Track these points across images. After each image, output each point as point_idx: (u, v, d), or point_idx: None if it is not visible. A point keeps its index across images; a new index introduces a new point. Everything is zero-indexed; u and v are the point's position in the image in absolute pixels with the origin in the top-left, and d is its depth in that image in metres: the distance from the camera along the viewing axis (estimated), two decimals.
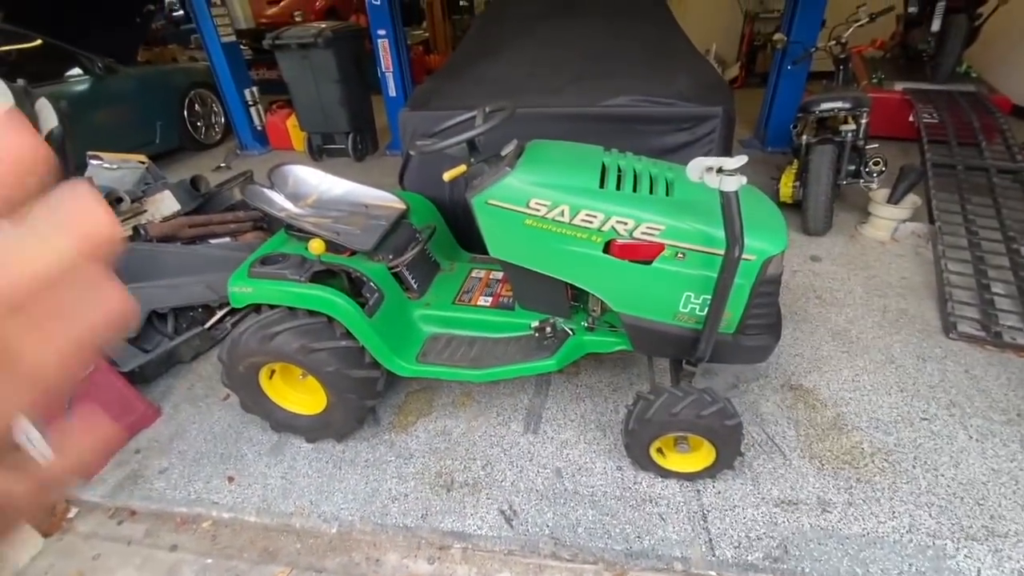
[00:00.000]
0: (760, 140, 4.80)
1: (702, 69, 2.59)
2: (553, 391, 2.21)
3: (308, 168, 2.10)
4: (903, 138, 4.19)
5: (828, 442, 1.92)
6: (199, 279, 2.40)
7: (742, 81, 6.79)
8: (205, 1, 4.72)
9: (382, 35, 4.61)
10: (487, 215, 1.56)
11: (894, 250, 3.08)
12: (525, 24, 3.15)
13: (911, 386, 2.13)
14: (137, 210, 2.57)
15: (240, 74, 5.22)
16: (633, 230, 1.46)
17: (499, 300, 1.98)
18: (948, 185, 3.16)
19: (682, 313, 1.57)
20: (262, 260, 1.77)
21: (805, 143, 3.19)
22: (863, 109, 3.05)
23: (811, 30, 4.09)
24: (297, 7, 8.23)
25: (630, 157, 1.69)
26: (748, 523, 1.67)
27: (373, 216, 1.98)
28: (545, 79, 2.49)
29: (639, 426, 1.67)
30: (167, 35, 9.22)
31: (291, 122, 5.29)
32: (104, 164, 2.95)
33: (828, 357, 2.31)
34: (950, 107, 3.84)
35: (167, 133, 5.14)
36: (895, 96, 4.34)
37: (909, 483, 1.75)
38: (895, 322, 2.50)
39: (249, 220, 2.89)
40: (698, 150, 2.24)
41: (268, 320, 1.76)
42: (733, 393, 2.14)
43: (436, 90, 2.59)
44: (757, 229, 1.46)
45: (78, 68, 4.47)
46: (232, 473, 1.96)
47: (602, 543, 1.64)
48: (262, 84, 5.75)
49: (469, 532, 1.70)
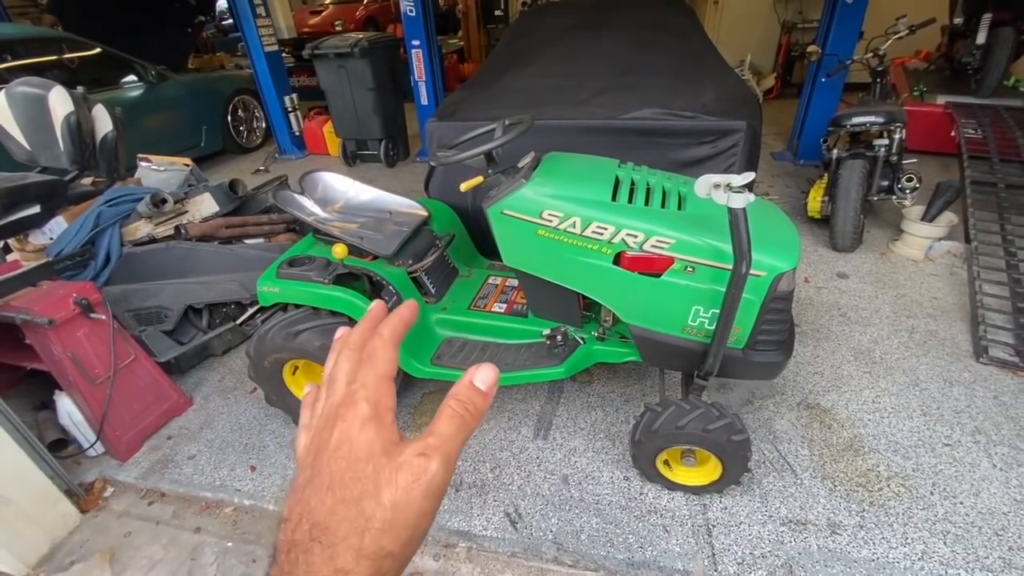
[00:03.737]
0: (793, 153, 4.71)
1: (729, 83, 2.59)
2: (565, 399, 2.24)
3: (337, 175, 2.20)
4: (945, 153, 4.05)
5: (843, 463, 1.88)
6: (233, 277, 2.54)
7: (778, 91, 6.67)
8: (251, 12, 4.96)
9: (416, 45, 4.76)
10: (502, 225, 1.62)
11: (927, 269, 2.99)
12: (554, 37, 3.21)
13: (935, 410, 2.07)
14: (179, 211, 2.73)
15: (281, 82, 5.45)
16: (643, 243, 1.49)
17: (513, 307, 2.02)
18: (987, 203, 3.04)
19: (691, 326, 1.58)
20: (289, 262, 1.87)
21: (836, 157, 3.13)
22: (897, 124, 2.98)
23: (848, 42, 4.01)
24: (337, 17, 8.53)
25: (644, 170, 1.71)
26: (753, 540, 1.65)
27: (396, 222, 2.06)
28: (571, 91, 2.54)
29: (646, 437, 1.68)
30: (216, 43, 9.70)
31: (327, 128, 5.49)
32: (152, 166, 3.14)
33: (849, 377, 2.26)
34: (994, 122, 3.69)
35: (212, 137, 5.41)
36: (937, 110, 4.20)
37: (925, 509, 1.71)
38: (923, 344, 2.42)
39: (282, 223, 3.03)
40: (720, 163, 2.24)
41: (293, 319, 1.86)
42: (747, 409, 2.12)
43: (463, 100, 2.67)
44: (769, 245, 1.46)
45: (133, 75, 4.76)
46: (255, 463, 2.06)
47: (604, 551, 1.66)
48: (301, 91, 6.00)
49: (475, 532, 1.74)
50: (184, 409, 2.33)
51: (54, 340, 1.87)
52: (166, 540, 1.84)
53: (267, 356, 1.92)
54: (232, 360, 2.63)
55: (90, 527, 1.90)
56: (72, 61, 4.45)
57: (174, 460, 2.10)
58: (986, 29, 4.08)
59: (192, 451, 2.13)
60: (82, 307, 1.92)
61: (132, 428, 2.12)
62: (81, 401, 1.99)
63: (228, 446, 2.15)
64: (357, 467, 0.32)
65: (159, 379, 2.24)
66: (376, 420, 0.34)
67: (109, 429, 2.03)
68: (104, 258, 2.47)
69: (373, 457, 0.33)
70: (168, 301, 2.44)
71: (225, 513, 1.93)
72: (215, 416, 2.30)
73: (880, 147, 3.02)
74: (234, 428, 2.23)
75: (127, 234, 2.57)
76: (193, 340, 2.51)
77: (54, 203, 2.59)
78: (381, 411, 0.34)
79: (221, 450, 2.13)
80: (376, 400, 0.35)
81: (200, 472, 2.04)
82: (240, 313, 2.67)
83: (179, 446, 2.16)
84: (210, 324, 2.61)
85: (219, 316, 2.65)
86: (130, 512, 1.95)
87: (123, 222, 2.56)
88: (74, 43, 4.54)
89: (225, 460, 2.08)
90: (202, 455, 2.11)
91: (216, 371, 2.57)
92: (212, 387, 2.47)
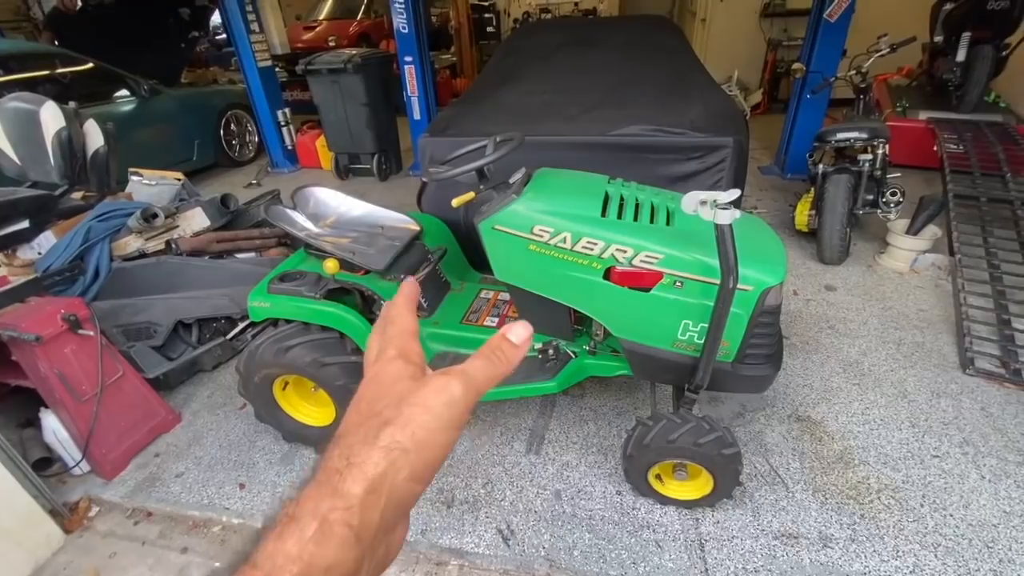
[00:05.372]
0: (780, 167, 4.79)
1: (716, 100, 2.64)
2: (557, 413, 2.24)
3: (329, 190, 2.21)
4: (928, 167, 4.13)
5: (833, 476, 1.89)
6: (223, 292, 2.52)
7: (765, 107, 6.79)
8: (245, 28, 5.00)
9: (408, 61, 4.81)
10: (493, 240, 1.63)
11: (912, 281, 3.03)
12: (544, 54, 3.26)
13: (923, 422, 2.09)
14: (170, 225, 2.72)
15: (274, 96, 5.48)
16: (632, 258, 1.50)
17: (505, 321, 2.03)
18: (970, 217, 3.10)
19: (680, 340, 1.59)
20: (280, 277, 1.87)
21: (821, 172, 3.19)
22: (880, 140, 3.04)
23: (831, 60, 4.10)
24: (331, 33, 8.61)
25: (633, 187, 1.73)
26: (746, 555, 1.65)
27: (388, 237, 2.06)
28: (561, 108, 2.57)
29: (637, 451, 1.68)
30: (209, 57, 9.73)
31: (320, 142, 5.51)
32: (144, 180, 3.13)
33: (838, 389, 2.28)
34: (975, 137, 3.78)
35: (204, 151, 5.41)
36: (919, 125, 4.29)
37: (916, 522, 1.72)
38: (910, 355, 2.45)
39: (273, 237, 3.02)
40: (709, 179, 2.27)
41: (283, 334, 1.85)
42: (738, 422, 2.13)
43: (456, 116, 2.70)
44: (756, 260, 1.48)
45: (126, 90, 4.77)
46: (244, 480, 2.03)
47: (597, 567, 1.65)
48: (294, 105, 6.02)
49: (466, 550, 1.73)
50: (172, 426, 2.30)
51: (41, 357, 1.85)
52: (152, 560, 1.81)
53: (257, 371, 1.91)
54: (222, 376, 2.61)
55: (75, 548, 1.86)
56: (65, 76, 4.46)
57: (161, 478, 2.07)
58: (966, 47, 4.20)
59: (180, 469, 2.10)
60: (70, 323, 1.90)
61: (119, 446, 2.09)
62: (67, 419, 1.96)
63: (217, 463, 2.12)
64: (384, 389, 0.36)
65: (147, 395, 2.22)
66: (403, 358, 0.37)
67: (95, 447, 2.00)
68: (93, 273, 2.45)
69: (400, 380, 0.36)
70: (157, 316, 2.42)
71: (213, 532, 1.90)
72: (204, 433, 2.27)
73: (864, 162, 3.07)
74: (223, 445, 2.21)
75: (117, 249, 2.55)
76: (182, 356, 2.49)
77: (43, 218, 2.58)
78: (409, 355, 0.38)
79: (210, 467, 2.10)
80: (401, 347, 0.38)
81: (188, 490, 2.01)
82: (230, 328, 2.65)
83: (167, 464, 2.13)
84: (200, 339, 2.59)
85: (209, 331, 2.63)
86: (116, 532, 1.92)
87: (113, 237, 2.55)
88: (67, 58, 4.55)
89: (213, 478, 2.06)
90: (190, 473, 2.08)
91: (205, 387, 2.54)
92: (201, 403, 2.44)
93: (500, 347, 0.38)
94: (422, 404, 0.33)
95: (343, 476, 0.31)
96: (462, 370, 0.36)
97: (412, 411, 0.33)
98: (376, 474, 0.31)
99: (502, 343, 0.38)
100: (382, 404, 0.34)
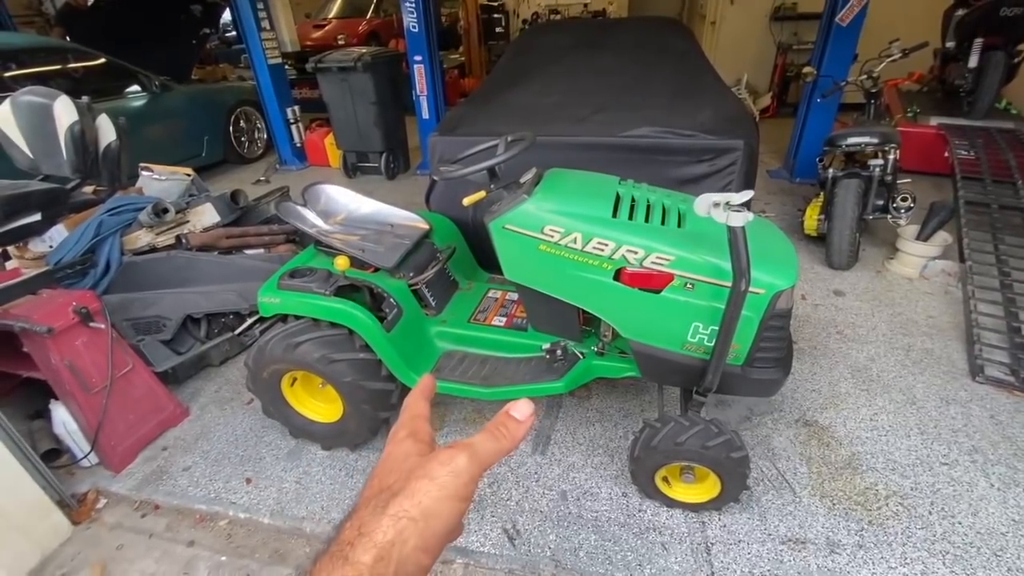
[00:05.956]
0: (789, 171, 4.77)
1: (726, 103, 2.63)
2: (564, 414, 2.24)
3: (339, 188, 2.22)
4: (938, 173, 4.11)
5: (841, 481, 1.88)
6: (232, 287, 2.54)
7: (774, 111, 6.77)
8: (255, 25, 5.02)
9: (418, 60, 4.82)
10: (504, 239, 1.63)
11: (922, 288, 3.01)
12: (555, 55, 3.26)
13: (932, 429, 2.08)
14: (180, 220, 2.74)
15: (283, 94, 5.50)
16: (643, 259, 1.50)
17: (513, 321, 2.03)
18: (981, 223, 3.08)
19: (690, 343, 1.59)
20: (291, 273, 1.87)
21: (831, 176, 3.17)
22: (891, 145, 3.02)
23: (842, 64, 4.09)
24: (340, 31, 8.63)
25: (644, 188, 1.73)
26: (752, 559, 1.65)
27: (397, 235, 2.07)
28: (571, 109, 2.57)
29: (645, 453, 1.68)
30: (219, 54, 9.79)
31: (328, 140, 5.53)
32: (154, 175, 3.15)
33: (846, 394, 2.27)
34: (986, 144, 3.76)
35: (213, 147, 5.44)
36: (930, 131, 4.27)
37: (924, 529, 1.71)
38: (919, 362, 2.44)
39: (282, 234, 3.03)
40: (718, 182, 2.27)
41: (293, 330, 1.86)
42: (745, 426, 2.12)
43: (465, 116, 2.70)
44: (767, 263, 1.48)
45: (137, 85, 4.80)
46: (250, 475, 2.04)
47: (602, 568, 1.64)
48: (303, 103, 6.05)
49: (472, 548, 1.73)
50: (180, 420, 2.32)
51: (52, 349, 1.86)
52: (159, 553, 1.82)
53: (266, 367, 1.91)
54: (229, 371, 2.62)
55: (82, 539, 1.87)
56: (76, 71, 4.49)
57: (169, 472, 2.08)
58: (978, 53, 4.17)
59: (187, 463, 2.11)
60: (81, 316, 1.92)
61: (127, 439, 2.11)
62: (77, 411, 1.97)
63: (224, 458, 2.13)
64: (394, 465, 0.38)
65: (156, 389, 2.23)
66: (412, 438, 0.41)
67: (104, 439, 2.01)
68: (104, 267, 2.47)
69: (409, 457, 0.38)
70: (167, 311, 2.44)
71: (219, 526, 1.91)
72: (211, 427, 2.28)
73: (875, 167, 3.06)
74: (230, 440, 2.21)
75: (128, 243, 2.57)
76: (191, 350, 2.50)
77: (55, 211, 2.60)
78: (418, 435, 0.41)
79: (217, 462, 2.11)
80: (412, 428, 0.42)
81: (195, 484, 2.02)
82: (238, 324, 2.67)
83: (174, 457, 2.14)
84: (208, 334, 2.61)
85: (217, 326, 2.64)
86: (123, 524, 1.93)
87: (124, 231, 2.56)
88: (78, 53, 4.58)
89: (220, 472, 2.06)
90: (197, 467, 2.09)
91: (213, 381, 2.55)
92: (209, 397, 2.45)
93: (505, 424, 0.41)
94: (428, 476, 0.35)
95: (354, 546, 0.32)
96: (468, 444, 0.38)
97: (419, 483, 0.35)
98: (384, 542, 0.32)
99: (507, 421, 0.41)
100: (392, 479, 0.37)
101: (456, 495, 0.35)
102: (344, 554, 0.32)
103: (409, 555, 0.32)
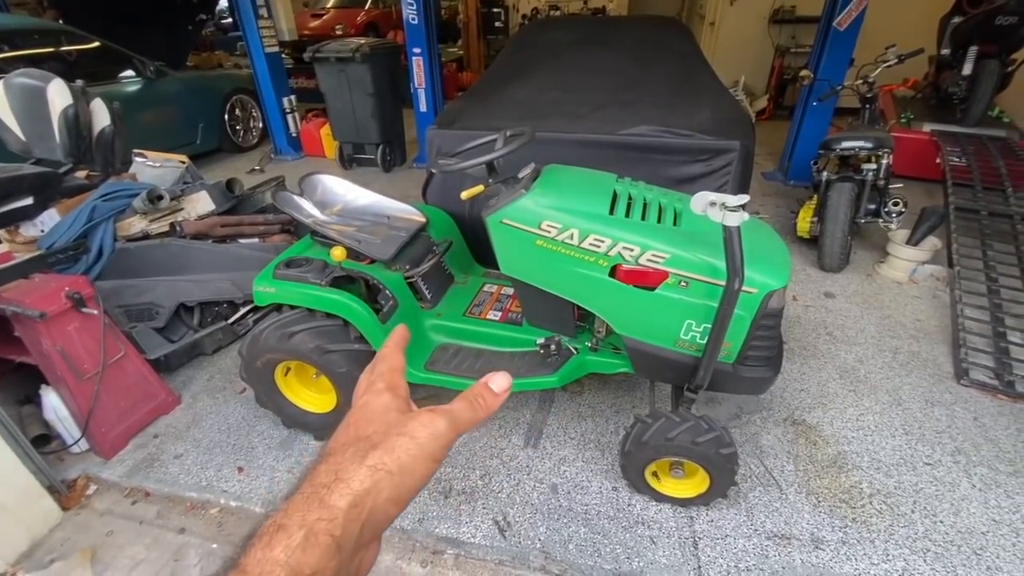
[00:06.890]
0: (783, 173, 4.81)
1: (724, 103, 2.64)
2: (556, 408, 2.26)
3: (336, 178, 2.22)
4: (929, 179, 4.16)
5: (827, 479, 1.92)
6: (226, 276, 2.52)
7: (770, 113, 6.81)
8: (253, 13, 4.97)
9: (417, 53, 4.79)
10: (500, 233, 1.64)
11: (911, 291, 3.06)
12: (555, 51, 3.26)
13: (917, 430, 2.12)
14: (175, 208, 2.72)
15: (280, 83, 5.46)
16: (639, 257, 1.52)
17: (508, 315, 2.04)
18: (970, 230, 3.13)
19: (683, 340, 1.61)
20: (287, 263, 1.87)
21: (825, 180, 3.21)
22: (885, 150, 3.06)
23: (839, 68, 4.12)
24: (339, 21, 8.57)
25: (641, 186, 1.75)
26: (739, 554, 1.68)
27: (394, 227, 2.07)
28: (569, 105, 2.58)
29: (635, 448, 1.70)
30: (215, 41, 9.68)
31: (324, 131, 5.50)
32: (148, 162, 3.13)
33: (834, 394, 2.31)
34: (978, 151, 3.80)
35: (208, 135, 5.39)
36: (922, 137, 4.31)
37: (906, 527, 1.74)
38: (906, 364, 2.48)
39: (278, 223, 3.02)
40: (714, 182, 2.28)
41: (288, 320, 1.86)
42: (734, 423, 2.15)
43: (463, 109, 2.70)
44: (761, 263, 1.50)
45: (131, 70, 4.74)
46: (242, 464, 2.04)
47: (591, 561, 1.66)
48: (300, 93, 6.00)
49: (463, 540, 1.75)
50: (172, 407, 2.31)
51: (44, 334, 1.85)
52: (149, 540, 1.82)
53: (260, 356, 1.91)
54: (222, 359, 2.62)
55: (72, 525, 1.87)
56: (70, 54, 4.43)
57: (160, 459, 2.07)
58: (972, 61, 4.22)
59: (178, 450, 2.11)
60: (74, 301, 1.90)
61: (118, 425, 2.10)
62: (68, 396, 1.96)
63: (215, 446, 2.13)
64: (373, 416, 0.39)
65: (148, 376, 2.22)
66: (391, 392, 0.41)
67: (95, 426, 2.01)
68: (96, 253, 2.45)
69: (388, 411, 0.39)
70: (160, 298, 2.43)
71: (210, 514, 1.91)
72: (203, 416, 2.28)
73: (868, 171, 3.10)
74: (222, 428, 2.21)
75: (121, 229, 2.55)
76: (184, 338, 2.49)
77: (47, 195, 2.57)
78: (396, 390, 0.42)
79: (208, 450, 2.11)
80: (390, 381, 0.42)
81: (186, 472, 2.02)
82: (232, 312, 2.66)
83: (165, 445, 2.14)
84: (201, 323, 2.60)
85: (210, 315, 2.63)
86: (113, 511, 1.92)
87: (118, 217, 2.54)
88: (72, 36, 4.51)
89: (212, 460, 2.06)
90: (188, 455, 2.09)
91: (205, 370, 2.55)
92: (201, 386, 2.45)
93: (482, 394, 0.42)
94: (409, 434, 0.37)
95: (330, 490, 0.33)
96: (448, 409, 0.39)
97: (399, 439, 0.36)
98: (361, 490, 0.33)
99: (485, 392, 0.42)
100: (371, 430, 0.37)
101: (432, 456, 0.37)
102: (320, 496, 0.33)
103: (381, 505, 0.34)
